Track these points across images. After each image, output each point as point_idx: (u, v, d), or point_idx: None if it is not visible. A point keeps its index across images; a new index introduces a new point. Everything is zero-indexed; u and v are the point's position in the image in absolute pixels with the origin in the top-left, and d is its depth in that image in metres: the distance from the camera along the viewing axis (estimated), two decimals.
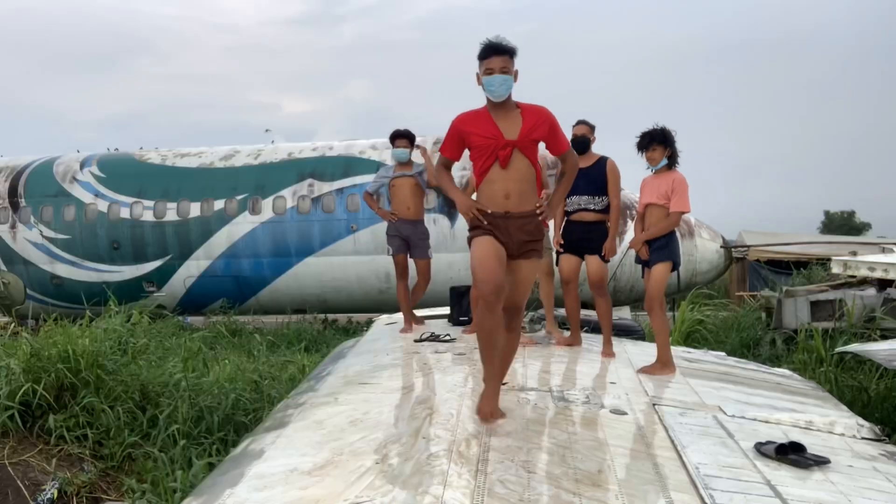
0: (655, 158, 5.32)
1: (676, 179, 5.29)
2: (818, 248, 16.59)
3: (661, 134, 5.33)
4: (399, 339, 6.45)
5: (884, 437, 4.25)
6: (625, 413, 3.99)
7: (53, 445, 5.83)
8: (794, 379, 6.02)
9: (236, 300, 15.90)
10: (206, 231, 15.83)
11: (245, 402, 6.90)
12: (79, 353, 6.25)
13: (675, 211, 5.28)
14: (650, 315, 5.46)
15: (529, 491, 2.77)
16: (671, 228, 5.40)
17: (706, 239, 14.88)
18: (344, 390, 4.71)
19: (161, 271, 16.15)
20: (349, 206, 15.24)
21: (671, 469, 3.15)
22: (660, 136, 5.32)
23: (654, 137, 5.33)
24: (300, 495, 2.84)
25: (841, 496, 3.01)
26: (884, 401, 6.45)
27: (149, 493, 5.30)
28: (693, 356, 6.39)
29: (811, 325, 8.80)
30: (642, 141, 5.38)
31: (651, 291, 5.39)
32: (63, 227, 16.33)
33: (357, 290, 15.66)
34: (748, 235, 17.52)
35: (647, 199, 5.40)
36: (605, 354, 5.65)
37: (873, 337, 8.24)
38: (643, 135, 5.39)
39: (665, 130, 5.36)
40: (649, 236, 5.35)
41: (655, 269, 5.34)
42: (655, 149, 5.30)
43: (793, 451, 3.43)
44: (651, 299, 5.40)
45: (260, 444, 3.79)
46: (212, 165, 16.35)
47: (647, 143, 5.34)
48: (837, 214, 50.20)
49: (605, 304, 5.83)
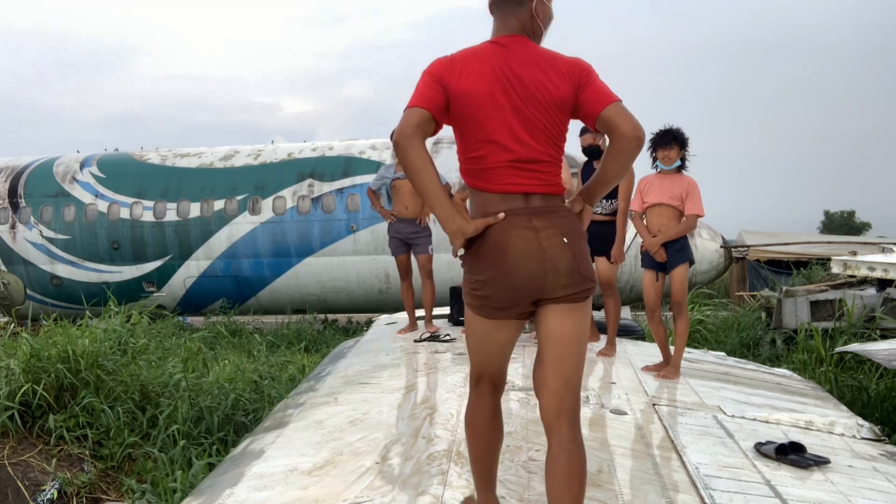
0: (671, 158, 5.21)
1: (690, 183, 5.21)
2: (818, 248, 16.60)
3: (681, 134, 5.25)
4: (399, 339, 6.45)
5: (884, 437, 4.25)
6: (625, 413, 3.99)
7: (53, 445, 5.83)
8: (793, 379, 6.02)
9: (236, 300, 15.91)
10: (205, 231, 15.83)
11: (245, 402, 6.90)
12: (79, 353, 6.25)
13: (693, 214, 5.19)
14: (677, 317, 5.33)
15: (529, 491, 2.77)
16: (689, 231, 5.33)
17: (706, 239, 14.89)
18: (344, 390, 4.71)
19: (161, 271, 16.15)
20: (349, 206, 15.25)
21: (671, 469, 3.15)
22: (680, 136, 5.24)
23: (675, 137, 5.22)
24: (300, 495, 2.84)
25: (841, 496, 3.01)
26: (884, 401, 6.44)
27: (149, 494, 5.30)
28: (693, 356, 6.39)
29: (811, 324, 8.79)
30: (664, 138, 5.23)
31: (677, 295, 5.29)
32: (63, 227, 16.33)
33: (357, 290, 15.66)
34: (748, 235, 17.53)
35: (656, 199, 5.26)
36: (604, 353, 5.67)
37: (873, 337, 8.24)
38: (665, 132, 5.25)
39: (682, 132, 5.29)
40: (667, 238, 5.21)
41: (677, 271, 5.23)
42: (673, 147, 5.20)
43: (793, 452, 3.43)
44: (679, 303, 5.30)
45: (260, 444, 3.79)
46: (212, 165, 16.35)
47: (669, 140, 5.20)
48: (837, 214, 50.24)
49: (613, 304, 5.85)
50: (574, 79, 2.33)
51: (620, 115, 2.26)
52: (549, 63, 2.35)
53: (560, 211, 2.36)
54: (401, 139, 2.25)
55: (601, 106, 2.28)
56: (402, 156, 2.27)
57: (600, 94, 2.31)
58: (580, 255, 2.33)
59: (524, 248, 2.28)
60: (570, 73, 2.34)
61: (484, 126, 2.33)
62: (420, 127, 2.26)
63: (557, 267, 2.28)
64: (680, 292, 5.28)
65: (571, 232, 2.33)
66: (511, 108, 2.31)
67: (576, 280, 2.31)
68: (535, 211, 2.31)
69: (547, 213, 2.32)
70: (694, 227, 5.40)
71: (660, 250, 5.24)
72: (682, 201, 5.19)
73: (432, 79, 2.33)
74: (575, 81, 2.33)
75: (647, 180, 5.37)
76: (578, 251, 2.33)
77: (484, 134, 2.33)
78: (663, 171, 5.28)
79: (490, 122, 2.32)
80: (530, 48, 2.38)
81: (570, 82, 2.33)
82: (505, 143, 2.32)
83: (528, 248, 2.28)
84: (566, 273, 2.29)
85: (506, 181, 2.33)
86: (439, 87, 2.31)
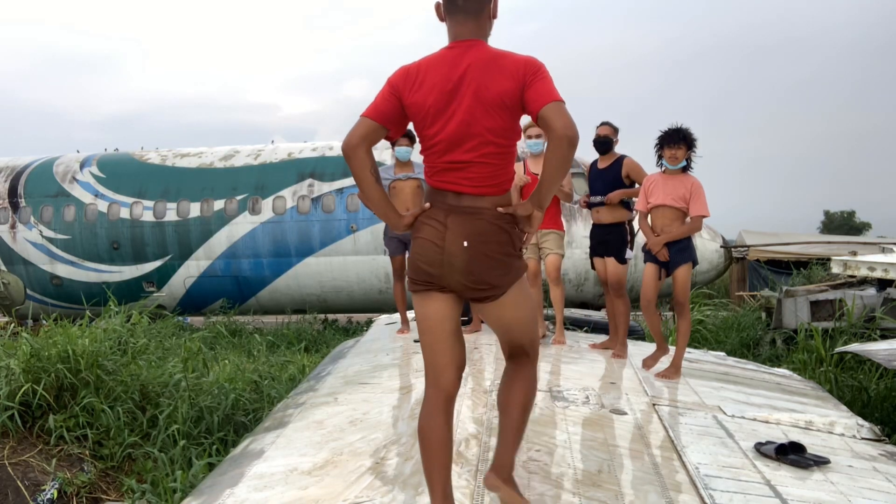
0: (678, 157, 5.15)
1: (695, 184, 5.17)
2: (818, 248, 16.59)
3: (689, 134, 5.20)
4: (399, 339, 6.46)
5: (884, 437, 4.25)
6: (625, 413, 3.99)
7: (53, 445, 5.83)
8: (793, 379, 6.02)
9: (236, 300, 15.91)
10: (205, 231, 15.83)
11: (245, 402, 6.90)
12: (79, 353, 6.24)
13: (698, 215, 5.16)
14: (679, 317, 5.31)
15: (529, 491, 2.77)
16: (694, 232, 5.30)
17: (706, 239, 14.89)
18: (344, 390, 4.71)
19: (161, 271, 16.16)
20: (349, 206, 15.25)
21: (671, 469, 3.15)
22: (689, 136, 5.18)
23: (684, 136, 5.16)
24: (300, 495, 2.84)
25: (841, 496, 3.01)
26: (884, 401, 6.44)
27: (149, 494, 5.30)
28: (693, 356, 6.38)
29: (811, 324, 8.78)
30: (672, 136, 5.17)
31: (680, 295, 5.26)
32: (63, 227, 16.33)
33: (357, 290, 15.66)
34: (748, 235, 17.52)
35: (660, 199, 5.21)
36: (617, 355, 5.66)
37: (873, 337, 8.23)
38: (674, 130, 5.18)
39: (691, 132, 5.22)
40: (671, 238, 5.18)
41: (681, 271, 5.21)
42: (680, 147, 5.14)
43: (793, 452, 3.43)
44: (681, 303, 5.27)
45: (260, 444, 3.79)
46: (212, 165, 16.35)
47: (678, 139, 5.15)
48: (837, 214, 50.28)
49: (622, 305, 5.84)
50: (520, 77, 2.43)
51: (556, 114, 2.34)
52: (496, 63, 2.47)
53: (479, 213, 2.49)
54: (346, 149, 2.52)
55: (541, 104, 2.38)
56: (348, 164, 2.54)
57: (542, 92, 2.40)
58: (476, 259, 2.48)
59: (431, 238, 2.52)
60: (516, 71, 2.44)
61: (428, 132, 2.54)
62: (366, 137, 2.52)
63: (453, 263, 2.49)
64: (682, 292, 5.25)
65: (476, 235, 2.48)
66: (452, 114, 2.48)
67: (470, 282, 2.50)
68: (452, 209, 2.51)
69: (464, 214, 2.50)
70: (699, 228, 5.36)
71: (663, 250, 5.20)
72: (687, 202, 5.14)
73: (390, 90, 2.56)
74: (520, 79, 2.43)
75: (652, 179, 5.31)
76: (475, 255, 2.48)
77: (428, 139, 2.54)
78: (668, 170, 5.22)
79: (432, 129, 2.52)
80: (483, 50, 2.50)
81: (516, 80, 2.43)
82: (442, 147, 2.51)
83: (434, 239, 2.52)
84: (460, 272, 2.49)
85: (441, 178, 2.55)
86: (394, 98, 2.54)
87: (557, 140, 2.33)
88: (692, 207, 5.14)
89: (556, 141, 2.33)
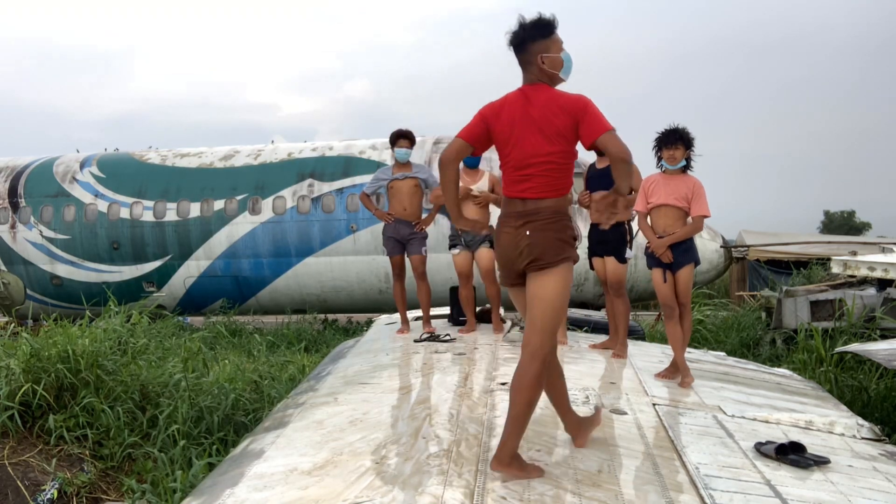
0: (676, 157, 5.13)
1: (696, 184, 5.15)
2: (818, 248, 16.61)
3: (686, 134, 5.17)
4: (399, 339, 6.46)
5: (884, 437, 4.25)
6: (625, 413, 3.99)
7: (53, 445, 5.83)
8: (793, 379, 6.02)
9: (236, 300, 15.91)
10: (205, 231, 15.83)
11: (245, 402, 6.90)
12: (78, 353, 6.25)
13: (700, 215, 5.13)
14: (682, 318, 5.24)
15: (529, 491, 2.77)
16: (696, 233, 5.27)
17: (706, 239, 14.89)
18: (344, 390, 4.71)
19: (161, 271, 16.16)
20: (349, 206, 15.25)
21: (671, 469, 3.15)
22: (686, 136, 5.16)
23: (681, 136, 5.15)
24: (300, 495, 2.84)
25: (841, 496, 3.01)
26: (884, 401, 6.44)
27: (149, 494, 5.30)
28: (693, 356, 6.38)
29: (811, 324, 8.79)
30: (670, 137, 5.15)
31: (682, 295, 5.21)
32: (63, 227, 16.34)
33: (357, 290, 15.66)
34: (748, 235, 17.54)
35: (660, 200, 5.18)
36: (617, 355, 5.65)
37: (873, 337, 8.23)
38: (671, 131, 5.17)
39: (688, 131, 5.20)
40: (674, 240, 5.12)
41: (683, 272, 5.17)
42: (679, 147, 5.12)
43: (793, 451, 3.43)
44: (683, 304, 5.23)
45: (260, 444, 3.79)
46: (212, 165, 16.36)
47: (675, 139, 5.13)
48: (837, 214, 50.27)
49: (622, 305, 5.82)
50: (573, 114, 3.09)
51: (609, 143, 3.04)
52: (554, 102, 3.13)
53: (539, 212, 3.16)
54: (444, 160, 3.28)
55: (595, 136, 3.06)
56: (441, 172, 3.31)
57: (594, 127, 3.07)
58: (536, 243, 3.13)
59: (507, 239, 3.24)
60: (570, 109, 3.10)
61: (504, 152, 3.24)
62: (459, 152, 3.29)
63: (521, 250, 3.17)
64: (685, 293, 5.22)
65: (536, 224, 3.15)
66: (520, 140, 3.17)
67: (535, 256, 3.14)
68: (521, 214, 3.19)
69: (529, 214, 3.17)
70: (701, 228, 5.34)
71: (666, 251, 5.14)
72: (688, 202, 5.11)
73: (480, 118, 3.27)
74: (574, 116, 3.09)
75: (652, 180, 5.27)
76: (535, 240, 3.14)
77: (504, 156, 3.24)
78: (668, 170, 5.18)
79: (507, 150, 3.22)
80: (544, 93, 3.17)
81: (571, 117, 3.09)
82: (513, 164, 3.21)
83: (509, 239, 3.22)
84: (527, 255, 3.15)
85: (513, 189, 3.22)
86: (483, 125, 3.25)
87: (615, 162, 3.05)
88: (694, 207, 5.11)
89: (615, 163, 3.05)
